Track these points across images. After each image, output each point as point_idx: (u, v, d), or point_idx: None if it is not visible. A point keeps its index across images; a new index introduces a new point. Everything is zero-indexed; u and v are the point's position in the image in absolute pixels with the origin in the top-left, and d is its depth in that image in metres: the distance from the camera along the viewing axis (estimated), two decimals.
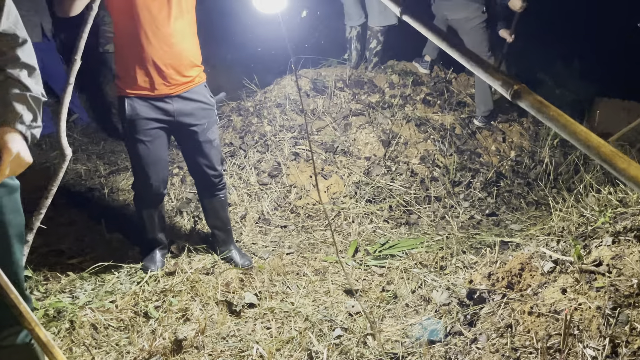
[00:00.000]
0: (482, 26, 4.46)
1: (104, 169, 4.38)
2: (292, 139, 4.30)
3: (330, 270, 3.10)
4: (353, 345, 2.41)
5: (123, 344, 2.41)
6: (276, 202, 3.89)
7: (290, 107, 4.53)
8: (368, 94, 4.72)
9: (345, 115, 4.51)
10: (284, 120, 4.46)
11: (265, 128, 4.41)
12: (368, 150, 4.31)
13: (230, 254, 3.15)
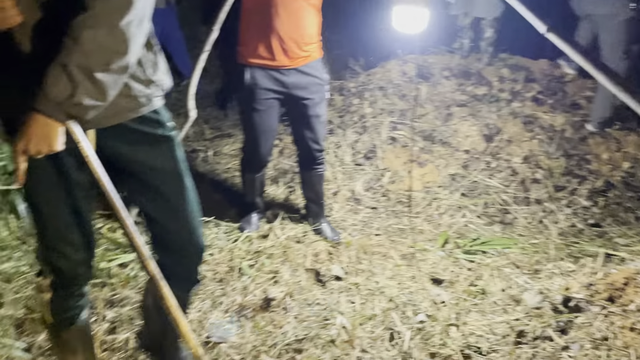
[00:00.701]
0: (626, 24, 4.10)
1: (209, 132, 4.61)
2: (391, 124, 4.29)
3: (418, 257, 3.08)
4: (436, 333, 2.40)
5: (217, 294, 2.55)
6: (368, 183, 3.91)
7: (392, 91, 4.51)
8: (475, 85, 4.59)
9: (448, 104, 4.42)
10: (385, 104, 4.45)
11: (366, 110, 4.43)
12: (468, 143, 4.21)
13: (321, 227, 3.23)
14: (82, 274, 1.59)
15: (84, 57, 1.20)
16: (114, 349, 2.15)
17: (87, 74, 1.21)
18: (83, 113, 1.26)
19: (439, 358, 2.27)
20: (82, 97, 1.22)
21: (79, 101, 1.22)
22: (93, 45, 1.20)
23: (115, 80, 1.26)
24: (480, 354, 2.28)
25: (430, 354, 2.28)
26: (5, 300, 2.16)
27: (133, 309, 2.37)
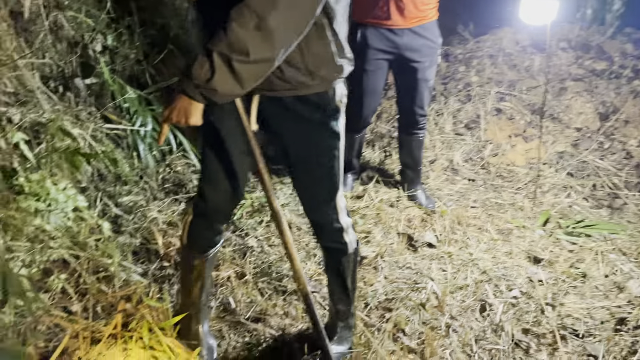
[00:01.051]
0: None
1: None
2: (497, 94, 4.12)
3: (515, 234, 3.00)
4: (530, 310, 2.35)
5: (311, 247, 2.64)
6: (468, 154, 3.81)
7: (503, 60, 4.31)
8: (594, 59, 4.28)
9: (562, 78, 4.17)
10: (493, 74, 4.27)
11: (472, 78, 4.28)
12: (580, 120, 3.96)
13: (416, 194, 3.21)
14: (222, 215, 1.80)
15: (227, 47, 1.26)
16: (216, 284, 2.31)
17: (226, 63, 1.27)
18: (218, 98, 1.33)
19: (532, 335, 2.22)
20: (217, 83, 1.28)
21: (214, 87, 1.29)
22: (237, 37, 1.25)
23: (254, 73, 1.31)
24: (576, 336, 2.21)
25: (523, 329, 2.24)
26: (125, 229, 2.37)
27: (234, 250, 2.52)
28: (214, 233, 1.83)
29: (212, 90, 1.30)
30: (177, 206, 2.74)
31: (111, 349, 1.81)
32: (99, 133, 2.45)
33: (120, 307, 1.91)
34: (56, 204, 1.76)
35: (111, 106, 2.74)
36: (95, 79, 2.69)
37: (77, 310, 1.87)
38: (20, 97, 1.99)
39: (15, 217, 1.64)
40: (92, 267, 2.01)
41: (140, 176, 2.73)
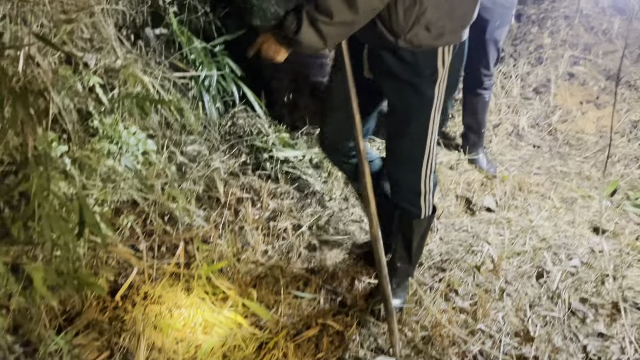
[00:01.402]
0: None
1: None
2: (571, 58, 3.91)
3: (579, 203, 2.89)
4: (590, 280, 2.29)
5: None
6: (535, 119, 3.67)
7: (579, 22, 4.07)
8: None
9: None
10: (568, 36, 4.05)
11: (544, 40, 4.07)
12: None
13: (477, 157, 3.14)
14: (337, 146, 1.96)
15: (314, 8, 1.41)
16: (273, 235, 2.37)
17: (312, 22, 1.43)
18: (302, 49, 1.50)
19: (590, 305, 2.17)
20: (302, 37, 1.45)
21: (299, 40, 1.46)
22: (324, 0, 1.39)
23: (336, 33, 1.46)
24: (636, 309, 2.14)
25: (580, 299, 2.19)
26: (189, 176, 2.47)
27: (292, 203, 2.57)
28: (339, 155, 1.98)
29: (298, 42, 1.47)
30: (238, 158, 2.81)
31: (174, 287, 1.92)
32: (167, 82, 2.52)
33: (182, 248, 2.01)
34: (127, 146, 1.84)
35: (178, 57, 2.81)
36: (164, 30, 2.76)
37: (143, 249, 1.99)
38: (95, 44, 2.08)
39: (90, 157, 1.74)
40: (159, 210, 2.11)
41: (204, 127, 2.81)
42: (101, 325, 1.74)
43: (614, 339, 2.02)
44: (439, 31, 1.54)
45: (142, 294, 1.87)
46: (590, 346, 1.98)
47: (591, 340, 2.02)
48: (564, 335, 2.05)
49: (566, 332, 2.05)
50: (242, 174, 2.66)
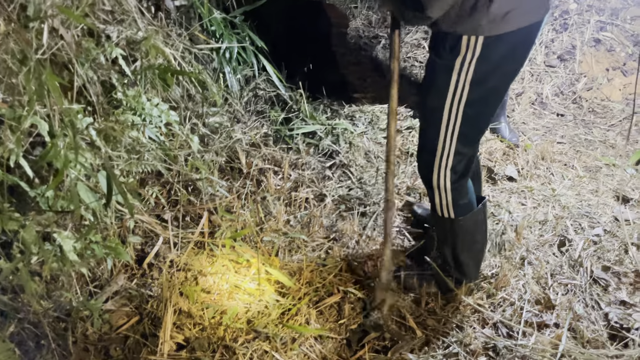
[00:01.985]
0: None
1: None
2: (598, 23, 3.80)
3: (604, 172, 2.85)
4: (613, 249, 2.27)
5: None
6: (559, 87, 3.60)
7: None
8: None
9: None
10: (595, 1, 3.92)
11: (570, 5, 3.95)
12: None
13: (499, 126, 3.10)
14: None
15: None
16: (295, 205, 2.40)
17: None
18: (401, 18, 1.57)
19: (612, 273, 2.16)
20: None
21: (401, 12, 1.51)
22: None
23: (436, 4, 1.43)
24: None
25: (603, 267, 2.18)
26: (211, 148, 2.50)
27: (313, 174, 2.59)
28: None
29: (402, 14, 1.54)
30: (259, 129, 2.83)
31: (198, 255, 1.97)
32: (188, 54, 2.53)
33: (206, 218, 2.05)
34: (151, 118, 1.87)
35: (198, 28, 2.81)
36: (184, 1, 2.75)
37: (168, 219, 2.03)
38: (116, 16, 2.09)
39: (115, 128, 1.77)
40: (182, 180, 2.15)
41: (225, 99, 2.83)
42: (129, 291, 1.79)
43: (636, 307, 2.01)
44: (472, 17, 1.46)
45: (168, 262, 1.92)
46: (612, 314, 1.98)
47: (613, 308, 2.02)
48: (585, 303, 2.05)
49: (588, 300, 2.05)
50: (264, 145, 2.68)
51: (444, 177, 1.72)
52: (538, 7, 1.56)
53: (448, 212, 1.81)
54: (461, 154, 1.69)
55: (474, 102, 1.59)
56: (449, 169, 1.71)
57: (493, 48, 1.51)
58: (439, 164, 1.71)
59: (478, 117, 1.65)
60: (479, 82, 1.55)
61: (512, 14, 1.47)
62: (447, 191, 1.76)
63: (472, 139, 1.70)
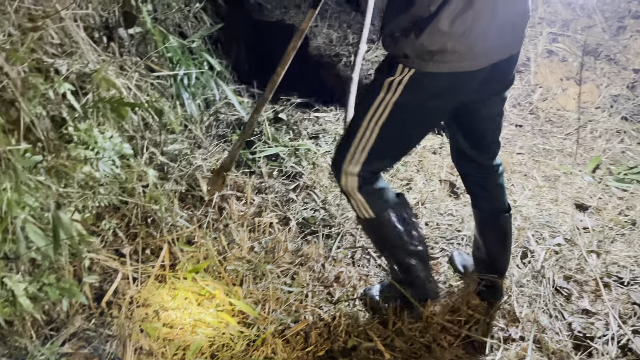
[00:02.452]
0: None
1: (352, 38, 4.57)
2: (550, 35, 3.91)
3: (562, 180, 2.91)
4: (574, 257, 2.31)
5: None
6: (516, 99, 3.68)
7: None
8: None
9: (621, 16, 3.91)
10: (545, 13, 4.05)
11: None
12: (639, 61, 3.73)
13: None
14: None
15: None
16: (259, 230, 2.38)
17: None
18: None
19: (574, 282, 2.20)
20: None
21: None
22: None
23: None
24: (620, 284, 2.17)
25: (564, 276, 2.22)
26: (171, 176, 2.46)
27: (277, 197, 2.57)
28: None
29: None
30: (221, 154, 2.80)
31: (159, 289, 1.93)
32: (143, 83, 2.50)
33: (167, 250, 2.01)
34: (104, 151, 1.83)
35: (155, 55, 2.78)
36: (139, 29, 2.73)
37: (127, 253, 1.98)
38: (66, 49, 2.05)
39: (66, 165, 1.72)
40: (141, 212, 2.11)
41: (184, 125, 2.80)
42: (87, 332, 1.74)
43: (598, 315, 2.04)
44: (400, 43, 1.49)
45: (127, 298, 1.87)
46: (575, 324, 2.01)
47: (576, 317, 2.05)
48: (549, 313, 2.07)
49: (551, 311, 2.08)
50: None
51: (352, 181, 1.71)
52: (482, 54, 1.51)
53: (367, 212, 1.78)
54: (369, 168, 1.69)
55: (390, 125, 1.60)
56: (355, 175, 1.70)
57: (421, 83, 1.52)
58: (346, 170, 1.70)
59: (391, 143, 1.66)
60: (401, 109, 1.57)
61: (443, 56, 1.46)
62: (357, 194, 1.74)
63: (382, 159, 1.71)
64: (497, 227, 2.01)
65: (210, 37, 3.36)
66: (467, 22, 1.42)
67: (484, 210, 2.00)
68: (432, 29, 1.43)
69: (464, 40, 1.44)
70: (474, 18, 1.42)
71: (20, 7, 1.90)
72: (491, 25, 1.46)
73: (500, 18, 1.48)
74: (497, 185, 1.95)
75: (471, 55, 1.48)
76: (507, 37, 1.56)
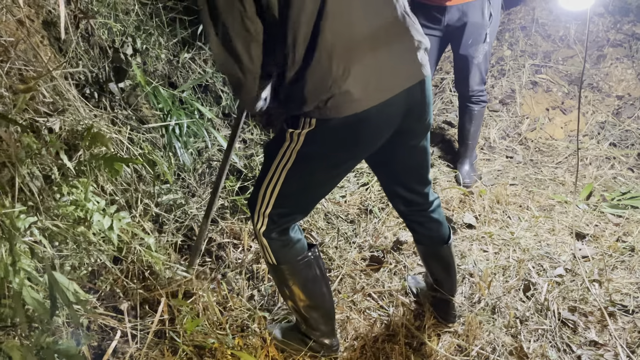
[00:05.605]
0: None
1: None
2: (532, 67, 4.00)
3: (557, 210, 2.92)
4: (576, 288, 2.30)
5: (349, 234, 2.65)
6: (504, 130, 3.73)
7: (536, 31, 4.17)
8: (633, 23, 4.09)
9: (600, 45, 4.01)
10: (527, 46, 4.15)
11: (505, 52, 4.16)
12: (622, 88, 3.81)
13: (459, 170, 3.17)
14: None
15: None
16: (257, 278, 2.34)
17: None
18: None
19: (579, 313, 2.18)
20: None
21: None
22: None
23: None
24: (625, 312, 2.16)
25: (569, 308, 2.20)
26: (166, 228, 2.43)
27: None
28: None
29: None
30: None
31: (159, 345, 1.88)
32: (135, 135, 2.51)
33: (164, 304, 1.97)
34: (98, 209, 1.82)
35: (146, 107, 2.80)
36: (129, 82, 2.75)
37: (125, 309, 1.94)
38: (57, 106, 2.06)
39: (60, 225, 1.70)
40: (138, 267, 2.08)
41: (178, 174, 2.79)
42: None
43: (606, 346, 2.02)
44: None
45: (127, 358, 1.82)
46: (584, 356, 1.98)
47: (585, 350, 2.02)
48: (557, 347, 2.04)
49: (559, 344, 2.05)
50: (221, 219, 2.64)
51: (261, 224, 1.72)
52: (381, 90, 1.47)
53: (271, 258, 1.80)
54: (278, 210, 1.69)
55: (295, 175, 1.61)
56: (266, 217, 1.71)
57: (319, 131, 1.51)
58: (257, 210, 1.71)
59: (297, 192, 1.67)
60: (304, 158, 1.57)
61: (333, 101, 1.44)
62: (262, 238, 1.76)
63: (290, 204, 1.70)
64: (439, 258, 2.07)
65: (200, 86, 3.39)
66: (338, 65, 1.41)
67: (424, 244, 2.04)
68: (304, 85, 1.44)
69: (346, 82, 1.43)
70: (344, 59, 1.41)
71: (11, 68, 1.92)
72: (376, 59, 1.45)
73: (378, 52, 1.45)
74: (433, 220, 1.96)
75: (357, 96, 1.45)
76: (398, 70, 1.52)
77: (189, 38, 3.40)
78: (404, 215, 1.99)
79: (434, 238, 2.00)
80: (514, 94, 3.88)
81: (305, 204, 1.77)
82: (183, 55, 3.31)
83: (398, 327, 2.09)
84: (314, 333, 1.94)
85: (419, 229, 1.98)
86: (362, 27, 1.42)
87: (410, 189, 1.86)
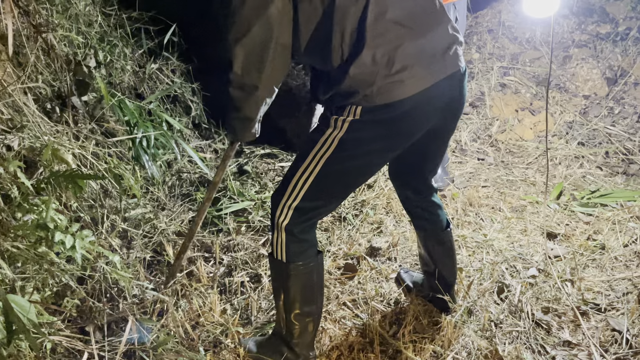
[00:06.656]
0: None
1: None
2: (500, 69, 4.05)
3: (529, 210, 2.95)
4: (549, 288, 2.31)
5: (324, 243, 2.63)
6: (475, 133, 3.76)
7: (503, 33, 4.22)
8: (597, 23, 4.17)
9: (566, 46, 4.07)
10: (495, 48, 4.20)
11: (473, 55, 4.20)
12: (588, 87, 3.87)
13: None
14: None
15: None
16: (230, 291, 2.30)
17: None
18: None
19: (553, 314, 2.19)
20: None
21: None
22: None
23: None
24: (598, 311, 2.17)
25: (543, 309, 2.20)
26: (135, 244, 2.38)
27: (247, 254, 2.51)
28: None
29: None
30: (186, 214, 2.74)
31: None
32: (101, 150, 2.45)
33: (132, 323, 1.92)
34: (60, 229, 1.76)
35: (112, 120, 2.74)
36: (93, 95, 2.69)
37: (91, 330, 1.88)
38: (16, 123, 2.00)
39: (20, 247, 1.64)
40: (105, 285, 2.02)
41: (146, 188, 2.73)
42: None
43: (580, 346, 2.03)
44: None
45: None
46: (559, 357, 1.99)
47: (559, 350, 2.02)
48: (532, 349, 2.04)
49: (534, 346, 2.05)
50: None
51: (285, 216, 1.71)
52: (423, 77, 1.53)
53: (281, 254, 1.78)
54: (306, 204, 1.69)
55: (334, 162, 1.62)
56: (292, 210, 1.70)
57: (363, 119, 1.54)
58: (284, 203, 1.71)
59: (333, 181, 1.67)
60: (344, 144, 1.59)
61: (379, 89, 1.50)
62: (284, 231, 1.74)
63: (322, 196, 1.71)
64: (442, 243, 2.09)
65: (169, 97, 3.34)
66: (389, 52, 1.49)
67: (427, 229, 2.07)
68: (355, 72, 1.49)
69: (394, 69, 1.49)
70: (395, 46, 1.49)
71: None
72: (416, 47, 1.51)
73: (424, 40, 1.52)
74: (435, 205, 2.02)
75: (421, 76, 1.51)
76: (438, 58, 1.56)
77: (155, 48, 3.35)
78: (409, 202, 2.03)
79: (437, 223, 2.05)
80: (483, 96, 3.92)
81: (335, 197, 1.76)
82: (150, 66, 3.26)
83: (373, 335, 2.07)
84: (293, 341, 1.90)
85: (424, 214, 2.02)
86: (402, 18, 1.49)
87: (424, 178, 1.94)
